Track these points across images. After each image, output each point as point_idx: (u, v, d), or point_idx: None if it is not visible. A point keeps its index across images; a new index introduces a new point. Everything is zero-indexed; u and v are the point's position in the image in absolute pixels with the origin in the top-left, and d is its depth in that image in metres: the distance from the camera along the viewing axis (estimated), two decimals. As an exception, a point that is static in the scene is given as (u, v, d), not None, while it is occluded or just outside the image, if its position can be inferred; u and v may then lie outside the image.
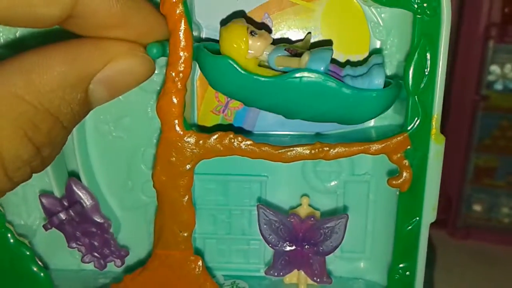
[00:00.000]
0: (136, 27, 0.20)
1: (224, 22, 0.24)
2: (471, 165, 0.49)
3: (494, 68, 0.45)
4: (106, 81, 0.19)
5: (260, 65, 0.23)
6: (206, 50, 0.22)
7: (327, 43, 0.25)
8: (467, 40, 0.45)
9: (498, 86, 0.45)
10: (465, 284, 0.46)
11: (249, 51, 0.22)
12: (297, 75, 0.22)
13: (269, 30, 0.25)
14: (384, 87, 0.22)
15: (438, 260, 0.47)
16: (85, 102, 0.19)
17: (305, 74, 0.22)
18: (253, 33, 0.22)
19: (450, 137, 0.48)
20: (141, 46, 0.20)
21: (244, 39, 0.22)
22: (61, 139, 0.19)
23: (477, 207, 0.50)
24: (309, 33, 0.25)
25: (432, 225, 0.51)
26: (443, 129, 0.48)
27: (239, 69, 0.22)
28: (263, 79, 0.22)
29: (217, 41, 0.23)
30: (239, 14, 0.25)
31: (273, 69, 0.23)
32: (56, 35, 0.25)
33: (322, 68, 0.22)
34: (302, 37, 0.25)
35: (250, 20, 0.25)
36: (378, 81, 0.22)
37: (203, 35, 0.25)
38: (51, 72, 0.17)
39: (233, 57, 0.22)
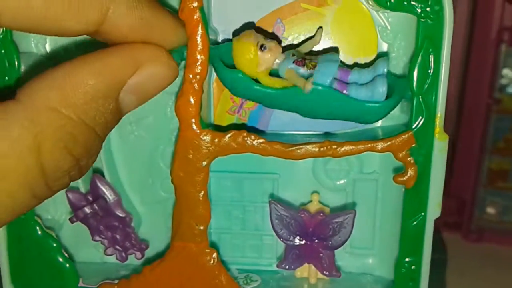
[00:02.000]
0: (155, 38, 0.21)
1: (236, 33, 0.25)
2: (485, 168, 0.49)
3: (507, 71, 0.46)
4: (135, 89, 0.20)
5: (271, 73, 0.25)
6: (222, 63, 0.24)
7: (335, 50, 0.26)
8: (479, 44, 0.46)
9: (511, 90, 0.46)
10: (477, 286, 0.46)
11: (259, 65, 0.24)
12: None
13: (279, 40, 0.27)
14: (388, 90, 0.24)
15: (451, 263, 0.48)
16: (117, 110, 0.20)
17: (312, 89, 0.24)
18: (262, 48, 0.24)
19: (463, 140, 0.49)
20: (165, 51, 0.21)
21: (253, 55, 0.24)
22: (96, 148, 0.20)
23: (490, 210, 0.50)
24: (320, 27, 0.26)
25: (446, 227, 0.52)
26: (456, 133, 0.49)
27: (250, 81, 0.24)
28: (272, 91, 0.24)
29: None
30: (251, 24, 0.26)
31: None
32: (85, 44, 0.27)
33: (328, 81, 0.23)
34: (313, 41, 0.27)
35: (259, 29, 0.26)
36: (381, 89, 0.23)
37: (220, 39, 0.27)
38: (84, 85, 0.18)
39: (245, 69, 0.24)
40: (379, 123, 0.27)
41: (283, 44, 0.27)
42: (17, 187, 0.17)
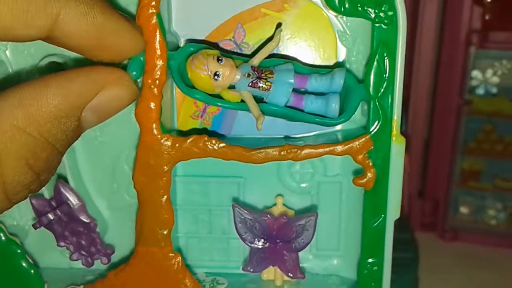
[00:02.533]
0: (111, 45, 0.22)
1: (189, 54, 0.25)
2: (457, 169, 0.50)
3: (476, 73, 0.46)
4: (96, 109, 0.21)
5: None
6: (181, 82, 0.25)
7: (293, 57, 0.27)
8: (449, 47, 0.47)
9: (480, 91, 0.47)
10: (451, 285, 0.47)
11: (216, 88, 0.24)
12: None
13: (231, 52, 0.27)
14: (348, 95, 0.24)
15: (426, 262, 0.48)
16: (78, 128, 0.21)
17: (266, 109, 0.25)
18: (216, 77, 0.24)
19: (435, 141, 0.50)
20: (126, 74, 0.22)
21: (208, 84, 0.24)
22: (56, 163, 0.21)
23: (464, 210, 0.51)
24: (280, 24, 0.26)
25: (421, 228, 0.53)
26: (429, 134, 0.50)
27: (209, 101, 0.25)
28: (232, 106, 0.25)
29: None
30: (213, 24, 0.27)
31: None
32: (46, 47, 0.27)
33: (283, 102, 0.24)
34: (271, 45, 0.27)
35: (209, 44, 0.27)
36: (334, 105, 0.24)
37: (181, 44, 0.27)
38: (48, 105, 0.19)
39: (204, 90, 0.25)
40: (339, 127, 0.28)
41: (244, 50, 0.27)
42: None
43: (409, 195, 0.52)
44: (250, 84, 0.24)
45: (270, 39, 0.26)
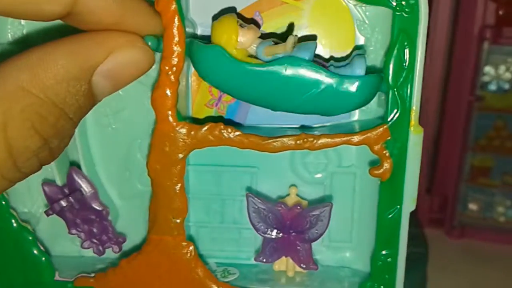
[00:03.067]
0: (131, 26, 0.21)
1: (216, 17, 0.25)
2: (467, 165, 0.50)
3: (489, 69, 0.46)
4: (108, 73, 0.20)
5: (249, 56, 0.24)
6: (198, 42, 0.24)
7: (313, 38, 0.26)
8: (462, 42, 0.47)
9: (492, 87, 0.46)
10: (459, 282, 0.47)
11: (238, 41, 0.23)
12: (282, 62, 0.23)
13: (259, 26, 0.26)
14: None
15: (433, 258, 0.48)
16: (90, 94, 0.20)
17: (290, 61, 0.23)
18: (242, 26, 0.23)
19: (446, 137, 0.50)
20: (140, 38, 0.21)
21: (234, 30, 0.23)
22: (68, 131, 0.20)
23: (473, 206, 0.51)
24: (295, 35, 0.26)
25: (429, 224, 0.52)
26: (439, 130, 0.49)
27: (228, 56, 0.23)
28: (250, 67, 0.23)
29: (209, 39, 0.25)
30: (231, 11, 0.26)
31: (261, 60, 0.24)
32: (60, 32, 0.27)
33: (307, 57, 0.23)
34: (290, 33, 0.27)
35: (240, 16, 0.26)
36: (359, 71, 0.23)
37: (198, 32, 0.27)
38: (55, 65, 0.18)
39: (223, 47, 0.23)
40: (355, 117, 0.27)
41: (260, 37, 0.27)
42: None
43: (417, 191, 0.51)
44: (273, 41, 0.24)
45: (284, 36, 0.25)
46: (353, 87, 0.23)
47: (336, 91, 0.23)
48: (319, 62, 0.24)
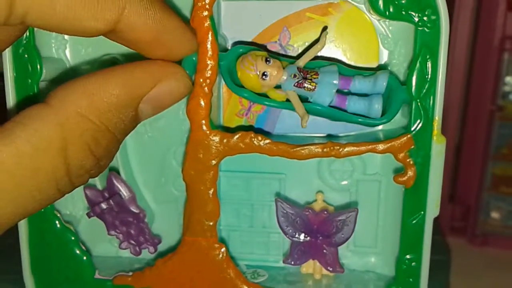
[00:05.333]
0: (168, 43, 0.23)
1: (241, 53, 0.27)
2: (489, 174, 0.50)
3: (510, 79, 0.47)
4: (153, 101, 0.22)
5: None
6: (230, 80, 0.26)
7: (331, 59, 0.28)
8: (482, 52, 0.47)
9: (513, 97, 0.47)
10: (482, 290, 0.47)
11: (262, 88, 0.26)
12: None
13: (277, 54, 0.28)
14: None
15: (455, 266, 0.48)
16: (135, 118, 0.22)
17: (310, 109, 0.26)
18: (264, 77, 0.25)
19: (467, 146, 0.50)
20: (182, 68, 0.24)
21: (256, 83, 0.25)
22: (115, 150, 0.22)
23: (495, 215, 0.51)
24: (326, 27, 0.28)
25: (451, 232, 0.53)
26: (461, 139, 0.50)
27: (256, 99, 0.26)
28: (278, 104, 0.26)
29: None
30: (261, 25, 0.28)
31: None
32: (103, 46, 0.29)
33: (335, 81, 0.25)
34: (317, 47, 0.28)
35: (259, 45, 0.28)
36: (377, 106, 0.25)
37: (229, 46, 0.29)
38: (110, 94, 0.20)
39: (251, 89, 0.26)
40: (380, 127, 0.29)
41: (288, 52, 0.28)
42: (46, 184, 0.19)
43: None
44: (296, 84, 0.26)
45: (315, 41, 0.27)
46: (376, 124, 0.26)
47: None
48: (340, 97, 0.26)
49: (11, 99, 0.27)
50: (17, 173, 0.18)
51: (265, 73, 0.25)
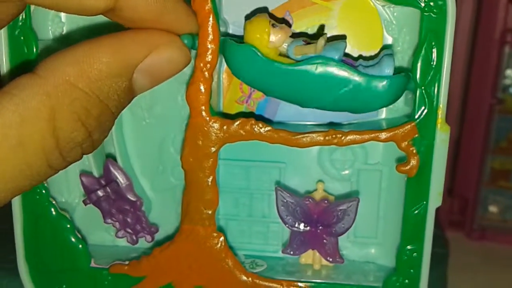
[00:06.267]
0: (169, 23, 0.22)
1: (248, 17, 0.26)
2: (487, 168, 0.50)
3: (510, 72, 0.46)
4: (148, 71, 0.21)
5: (280, 55, 0.25)
6: (232, 40, 0.25)
7: (342, 37, 0.27)
8: (483, 45, 0.47)
9: (514, 90, 0.47)
10: (479, 284, 0.47)
11: (270, 41, 0.24)
12: (313, 62, 0.24)
13: (289, 26, 0.27)
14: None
15: (453, 260, 0.48)
16: (130, 90, 0.21)
17: (320, 60, 0.24)
18: (274, 25, 0.24)
19: (467, 140, 0.50)
20: (178, 38, 0.23)
21: (266, 30, 0.24)
22: (109, 124, 0.21)
23: (493, 209, 0.51)
24: (323, 26, 0.27)
25: (449, 226, 0.53)
26: (460, 133, 0.50)
27: (260, 56, 0.24)
28: (282, 66, 0.24)
29: (241, 38, 0.26)
30: (263, 11, 0.27)
31: (292, 59, 0.25)
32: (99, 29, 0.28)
33: (336, 57, 0.24)
34: (321, 33, 0.27)
35: (272, 16, 0.27)
36: (387, 70, 0.24)
37: (230, 31, 0.28)
38: (99, 62, 0.19)
39: (256, 46, 0.24)
40: (383, 115, 0.28)
41: (291, 37, 0.28)
42: (34, 157, 0.18)
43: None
44: (304, 40, 0.25)
45: (315, 37, 0.26)
46: (381, 86, 0.24)
47: (365, 90, 0.24)
48: (348, 62, 0.25)
49: (7, 81, 0.27)
50: (3, 144, 0.17)
51: (275, 24, 0.24)
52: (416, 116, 0.25)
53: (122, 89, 0.20)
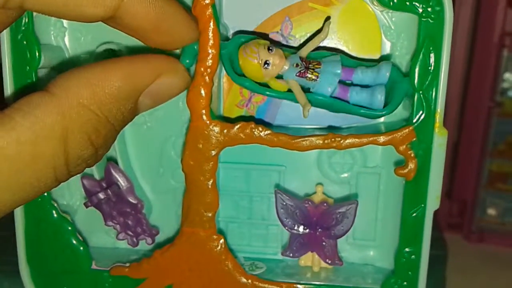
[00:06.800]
0: (168, 31, 0.23)
1: (241, 40, 0.27)
2: (486, 170, 0.50)
3: (508, 75, 0.47)
4: (152, 94, 0.22)
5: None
6: (232, 69, 0.26)
7: (335, 49, 0.28)
8: (481, 49, 0.47)
9: (512, 93, 0.47)
10: (477, 286, 0.47)
11: (264, 77, 0.25)
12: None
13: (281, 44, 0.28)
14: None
15: (452, 262, 0.49)
16: (134, 110, 0.22)
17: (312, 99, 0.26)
18: (266, 65, 0.25)
19: (465, 142, 0.50)
20: (181, 64, 0.24)
21: (258, 72, 0.25)
22: (112, 141, 0.22)
23: (491, 212, 0.51)
24: (329, 17, 0.27)
25: (448, 228, 0.53)
26: (458, 136, 0.50)
27: (257, 89, 0.26)
28: (279, 94, 0.26)
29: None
30: (263, 16, 0.28)
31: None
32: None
33: (338, 71, 0.25)
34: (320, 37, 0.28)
35: (260, 35, 0.28)
36: (380, 97, 0.25)
37: (230, 35, 0.28)
38: (111, 87, 0.20)
39: (252, 78, 0.26)
40: (382, 119, 0.28)
41: (290, 42, 0.28)
42: (44, 172, 0.19)
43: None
44: (298, 74, 0.25)
45: (318, 31, 0.27)
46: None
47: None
48: (341, 88, 0.26)
49: (9, 86, 0.27)
50: (16, 160, 0.18)
51: (267, 62, 0.25)
52: (414, 120, 0.26)
53: (128, 110, 0.21)
